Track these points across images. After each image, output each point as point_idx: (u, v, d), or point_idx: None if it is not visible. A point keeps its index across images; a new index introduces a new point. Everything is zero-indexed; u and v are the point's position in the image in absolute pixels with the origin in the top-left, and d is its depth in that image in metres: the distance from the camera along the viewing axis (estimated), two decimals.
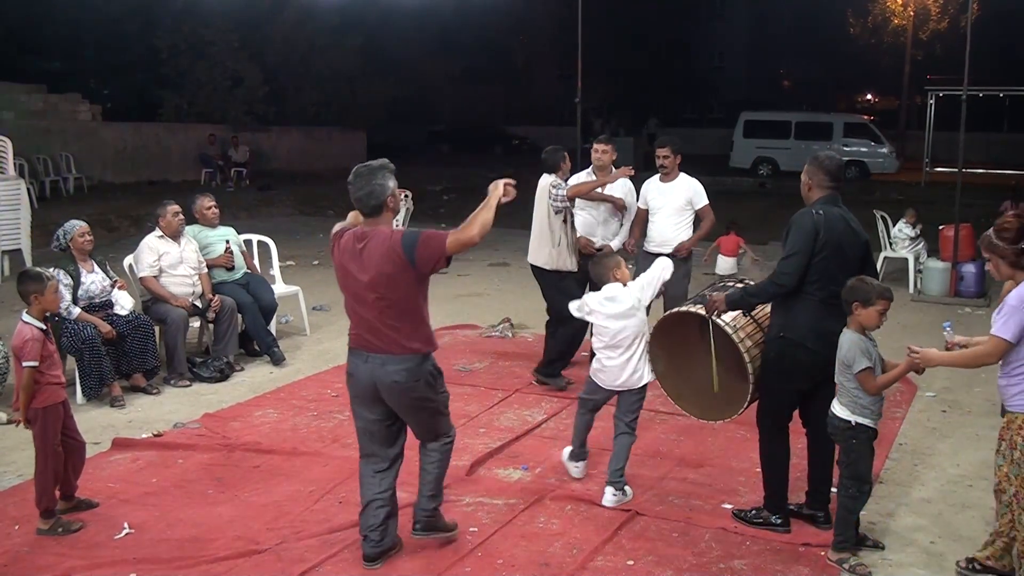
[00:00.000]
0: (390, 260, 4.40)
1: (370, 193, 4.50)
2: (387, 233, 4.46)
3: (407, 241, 4.40)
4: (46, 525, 5.09)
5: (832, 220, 4.92)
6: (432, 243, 4.40)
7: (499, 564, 4.79)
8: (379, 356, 4.52)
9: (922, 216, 12.63)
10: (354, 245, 4.52)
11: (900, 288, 12.04)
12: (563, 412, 7.19)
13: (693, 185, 7.99)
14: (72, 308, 7.18)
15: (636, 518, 5.33)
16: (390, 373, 4.50)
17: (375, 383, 4.55)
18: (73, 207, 17.18)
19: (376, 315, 4.49)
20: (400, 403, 4.61)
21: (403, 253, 4.38)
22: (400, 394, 4.55)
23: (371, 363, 4.55)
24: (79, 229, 7.45)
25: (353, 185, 4.54)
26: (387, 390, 4.55)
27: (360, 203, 4.55)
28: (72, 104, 25.16)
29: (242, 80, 28.59)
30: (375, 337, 4.52)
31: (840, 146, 29.78)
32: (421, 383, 4.55)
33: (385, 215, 4.56)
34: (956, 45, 15.47)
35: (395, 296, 4.45)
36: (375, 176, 4.52)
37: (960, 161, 12.17)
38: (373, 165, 4.58)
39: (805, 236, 4.88)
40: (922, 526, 5.30)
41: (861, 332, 4.79)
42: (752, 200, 22.84)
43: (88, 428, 6.31)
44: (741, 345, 5.05)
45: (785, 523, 5.16)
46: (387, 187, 4.53)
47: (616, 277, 5.70)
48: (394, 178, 4.60)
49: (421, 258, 4.39)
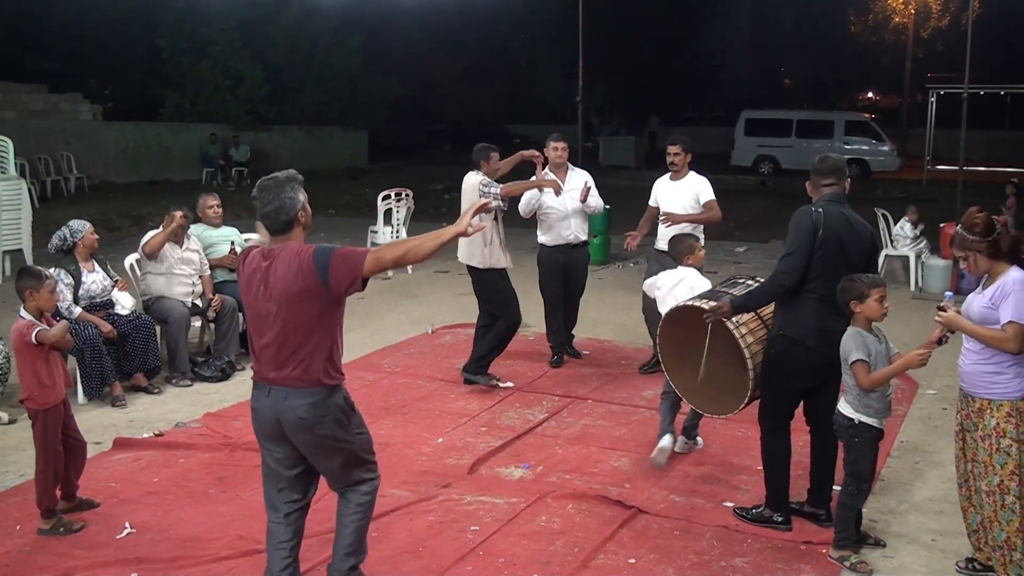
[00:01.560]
0: (300, 278, 3.94)
1: (280, 208, 4.04)
2: (296, 248, 4.01)
3: (320, 257, 3.94)
4: (47, 525, 5.09)
5: (831, 218, 4.91)
6: (349, 261, 3.93)
7: (500, 563, 4.79)
8: (282, 389, 4.03)
9: (924, 214, 12.62)
10: (260, 263, 4.06)
11: (902, 286, 12.05)
12: (564, 411, 7.20)
13: (700, 181, 8.01)
14: (73, 308, 7.18)
15: (638, 516, 5.32)
16: (293, 408, 4.01)
17: (279, 419, 4.05)
18: (74, 207, 17.20)
19: (281, 341, 4.01)
20: (306, 442, 4.08)
21: (315, 270, 3.93)
22: (305, 431, 4.04)
23: (273, 397, 4.05)
24: (89, 229, 7.47)
25: (260, 200, 4.07)
26: (291, 427, 4.05)
27: (268, 219, 4.07)
28: (73, 104, 25.20)
29: (244, 79, 28.61)
30: (278, 367, 4.04)
31: (841, 144, 29.74)
32: (328, 419, 4.05)
33: (296, 231, 4.11)
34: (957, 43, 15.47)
35: (302, 319, 3.99)
36: (284, 189, 4.06)
37: (961, 159, 12.18)
38: (280, 177, 4.11)
39: (803, 234, 4.88)
40: (924, 524, 5.30)
41: (867, 327, 4.78)
42: (753, 198, 22.83)
43: (89, 428, 6.32)
44: (742, 341, 5.06)
45: (787, 521, 5.16)
46: (297, 200, 4.08)
47: (689, 262, 6.23)
48: (304, 191, 4.15)
49: (335, 276, 3.93)
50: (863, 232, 5.04)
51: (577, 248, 8.53)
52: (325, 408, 4.04)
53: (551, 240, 8.45)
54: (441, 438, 6.61)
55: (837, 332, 4.93)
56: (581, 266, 8.65)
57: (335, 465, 4.19)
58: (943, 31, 35.88)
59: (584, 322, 9.73)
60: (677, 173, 8.04)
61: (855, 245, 4.97)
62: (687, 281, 6.09)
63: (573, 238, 8.43)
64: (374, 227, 13.29)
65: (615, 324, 10.12)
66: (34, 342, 5.07)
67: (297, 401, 4.02)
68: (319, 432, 4.06)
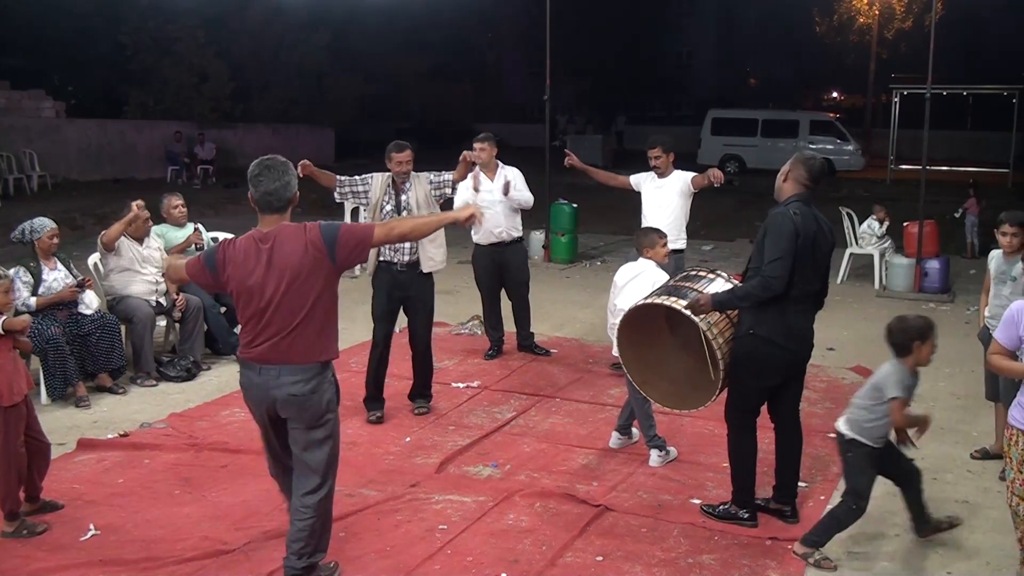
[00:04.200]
0: (309, 253, 4.10)
1: (285, 185, 4.18)
2: (299, 228, 4.16)
3: (327, 232, 4.14)
4: (10, 527, 5.03)
5: (806, 219, 4.94)
6: (357, 234, 4.19)
7: (468, 561, 4.79)
8: (274, 367, 4.15)
9: (889, 215, 12.74)
10: (257, 247, 4.15)
11: (866, 284, 12.17)
12: (532, 409, 7.21)
13: (684, 176, 8.01)
14: (30, 300, 7.08)
15: (605, 514, 5.34)
16: (285, 385, 4.14)
17: (271, 396, 4.19)
18: (38, 205, 16.98)
19: (281, 320, 4.12)
20: (296, 417, 4.22)
21: (323, 245, 4.11)
22: (297, 407, 4.18)
23: (264, 375, 4.17)
24: (48, 231, 7.33)
25: (266, 177, 4.17)
26: (283, 404, 4.19)
27: (272, 196, 4.16)
28: (36, 101, 24.88)
29: (208, 77, 28.39)
30: (275, 345, 4.14)
31: (806, 144, 29.95)
32: (319, 395, 4.19)
33: (287, 213, 4.25)
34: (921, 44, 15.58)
35: (307, 296, 4.12)
36: (288, 170, 4.23)
37: (924, 158, 12.32)
38: (280, 159, 4.26)
39: (788, 238, 4.86)
40: (888, 519, 5.35)
41: (913, 368, 4.74)
42: (720, 197, 22.91)
43: (53, 428, 6.24)
44: (715, 341, 5.02)
45: (752, 518, 5.19)
46: (294, 184, 4.25)
47: (648, 255, 6.29)
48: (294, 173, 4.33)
49: (343, 248, 4.13)
50: (829, 233, 5.09)
51: (510, 246, 8.53)
52: (317, 383, 4.18)
53: (483, 239, 8.50)
54: (409, 437, 6.60)
55: (805, 330, 5.00)
56: (517, 264, 8.63)
57: (313, 443, 4.27)
58: (907, 32, 36.22)
59: (551, 320, 9.76)
60: (662, 175, 8.07)
61: (823, 246, 5.01)
62: (646, 275, 6.08)
63: (505, 235, 8.43)
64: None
65: (582, 323, 10.14)
66: (0, 332, 5.01)
67: (290, 378, 4.15)
68: (309, 407, 4.19)
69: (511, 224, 8.47)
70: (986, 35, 37.77)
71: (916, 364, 4.73)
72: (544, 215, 13.72)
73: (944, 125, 26.21)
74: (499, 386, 7.81)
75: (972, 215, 14.89)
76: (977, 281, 12.41)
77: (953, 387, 7.89)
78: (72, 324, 7.35)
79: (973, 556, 4.94)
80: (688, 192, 7.89)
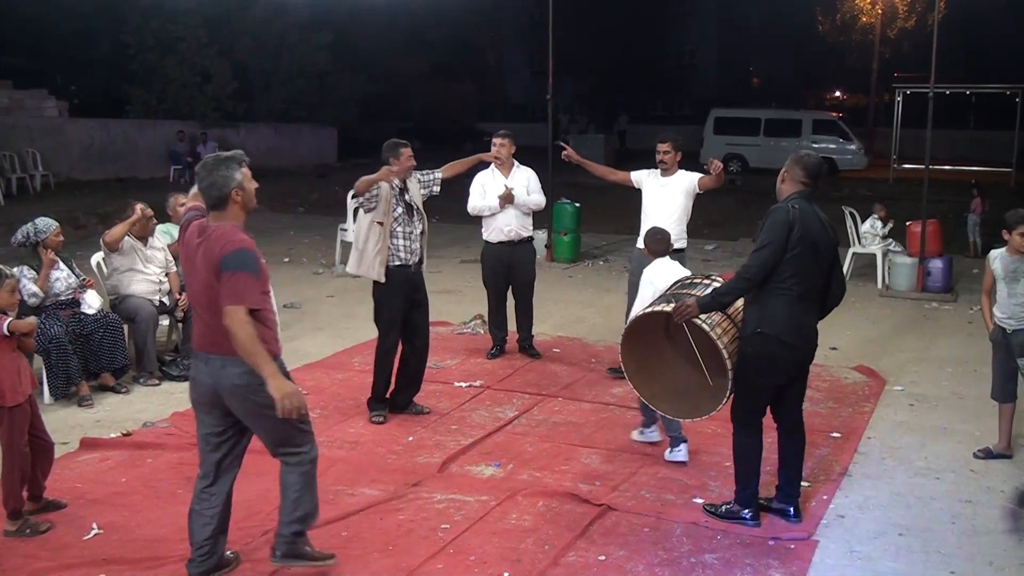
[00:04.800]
0: (210, 264, 4.15)
1: (212, 184, 4.20)
2: (225, 238, 4.16)
3: (224, 266, 4.11)
4: (13, 526, 5.03)
5: (806, 216, 4.95)
6: (237, 286, 4.09)
7: (471, 561, 4.79)
8: (219, 358, 4.23)
9: (890, 213, 12.74)
10: (196, 238, 4.26)
11: (869, 283, 12.16)
12: (534, 409, 7.21)
13: (690, 176, 7.84)
14: (36, 293, 7.09)
15: (607, 513, 5.34)
16: (230, 376, 4.22)
17: (215, 386, 4.27)
18: (40, 204, 17.02)
19: (214, 313, 4.19)
20: (242, 409, 4.31)
21: (217, 273, 4.13)
22: (240, 398, 4.26)
23: (211, 365, 4.26)
24: (54, 230, 7.34)
25: (198, 175, 4.29)
26: (228, 394, 4.27)
27: (204, 194, 4.27)
28: (38, 100, 24.90)
29: (211, 76, 28.40)
30: (214, 337, 4.23)
31: (809, 143, 29.93)
32: (262, 386, 4.13)
33: (231, 209, 4.25)
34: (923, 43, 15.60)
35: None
36: (220, 167, 4.22)
37: (927, 158, 12.30)
38: (222, 155, 4.30)
39: (778, 229, 4.89)
40: (891, 519, 5.35)
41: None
42: (722, 196, 22.89)
43: (56, 428, 6.25)
44: (720, 342, 5.00)
45: (755, 517, 5.19)
46: (232, 179, 4.22)
47: None
48: (244, 170, 4.28)
49: (222, 289, 4.10)
50: (831, 231, 5.09)
51: (519, 245, 8.52)
52: (259, 376, 4.14)
53: (493, 237, 8.50)
54: (411, 436, 6.60)
55: (812, 328, 5.02)
56: (525, 264, 8.62)
57: (270, 429, 4.36)
58: (910, 31, 36.23)
59: (554, 320, 9.76)
60: (667, 171, 7.87)
61: (826, 243, 5.01)
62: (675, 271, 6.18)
63: (514, 235, 8.43)
64: (343, 225, 13.24)
65: (585, 322, 10.14)
66: (5, 332, 5.02)
67: (233, 369, 4.20)
68: (253, 398, 4.23)
69: (521, 223, 8.46)
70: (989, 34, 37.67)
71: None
72: (547, 214, 13.69)
73: (947, 124, 26.18)
74: (501, 385, 7.80)
75: (974, 214, 14.89)
76: (980, 280, 12.41)
77: (955, 386, 7.89)
78: (75, 323, 7.36)
79: (976, 556, 4.93)
80: (693, 192, 7.82)
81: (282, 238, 16.13)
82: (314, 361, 8.50)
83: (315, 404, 7.25)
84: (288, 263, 13.64)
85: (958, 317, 10.46)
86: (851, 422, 6.96)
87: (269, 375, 4.07)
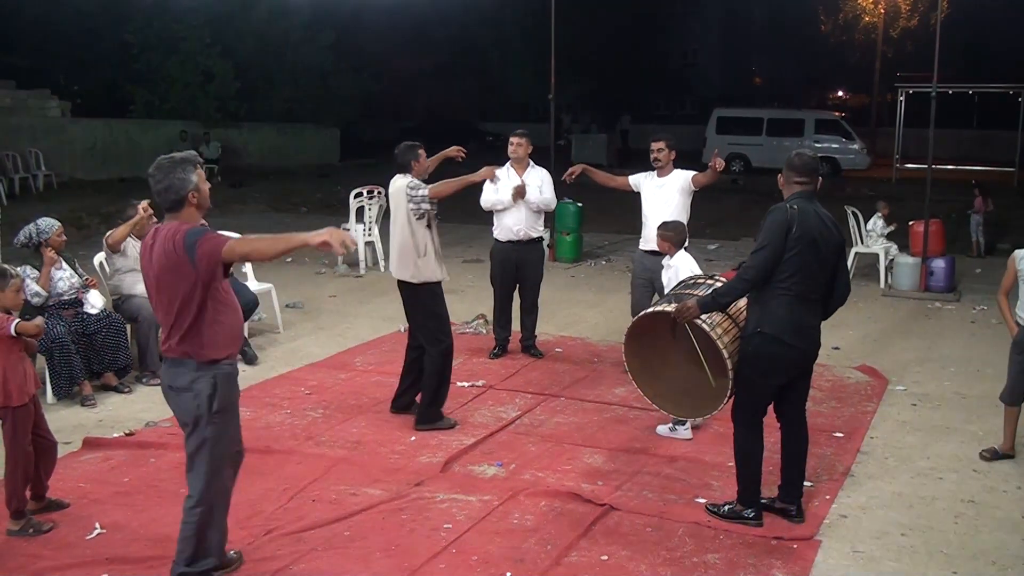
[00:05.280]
0: (172, 257, 4.11)
1: (168, 187, 4.19)
2: (175, 228, 4.16)
3: (190, 239, 4.09)
4: (17, 526, 5.04)
5: (806, 215, 4.94)
6: (212, 241, 4.09)
7: (473, 560, 4.79)
8: (168, 359, 4.33)
9: (893, 212, 12.74)
10: (150, 242, 4.27)
11: (871, 283, 12.15)
12: (537, 409, 7.21)
13: (685, 175, 7.82)
14: (39, 292, 7.10)
15: (610, 513, 5.34)
16: (169, 376, 4.31)
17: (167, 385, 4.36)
18: (43, 204, 17.04)
19: (162, 315, 4.27)
20: (175, 411, 4.36)
21: (184, 251, 4.08)
22: (172, 401, 4.33)
23: (165, 364, 4.40)
24: (57, 230, 7.35)
25: (152, 178, 4.23)
26: (165, 394, 4.38)
27: (159, 197, 4.24)
28: (41, 100, 24.92)
29: (214, 76, 28.43)
30: (165, 338, 4.31)
31: (811, 142, 29.93)
32: (190, 395, 4.21)
33: (187, 211, 4.24)
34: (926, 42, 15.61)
35: (175, 296, 4.17)
36: (175, 169, 4.21)
37: (930, 157, 12.28)
38: (176, 157, 4.27)
39: (777, 229, 4.90)
40: (893, 519, 5.35)
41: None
42: (725, 196, 22.92)
43: (58, 427, 6.25)
44: (720, 342, 5.02)
45: (758, 517, 5.19)
46: (188, 181, 4.21)
47: None
48: (198, 172, 4.28)
49: (201, 258, 4.08)
50: (834, 230, 5.07)
51: (528, 245, 8.53)
52: (194, 382, 4.21)
53: (502, 235, 8.51)
54: (414, 436, 6.60)
55: (815, 328, 5.01)
56: (533, 264, 8.62)
57: (190, 444, 4.33)
58: (912, 31, 36.21)
59: (556, 319, 9.76)
60: (662, 170, 7.86)
61: (828, 243, 5.00)
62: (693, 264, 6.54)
63: (523, 235, 8.43)
64: (346, 225, 13.24)
65: (587, 322, 10.14)
66: (12, 333, 5.02)
67: (173, 370, 4.29)
68: (181, 404, 4.28)
69: (531, 223, 8.45)
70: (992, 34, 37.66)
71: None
72: (549, 214, 13.68)
73: (949, 124, 26.17)
74: (504, 385, 7.81)
75: (978, 214, 14.87)
76: (983, 280, 12.43)
77: (958, 386, 7.88)
78: (78, 323, 7.37)
79: (979, 556, 4.93)
80: (689, 190, 7.81)
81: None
82: (317, 361, 8.51)
83: (318, 404, 7.26)
84: (291, 263, 13.64)
85: (961, 317, 10.45)
86: (854, 422, 6.96)
87: (302, 239, 4.03)
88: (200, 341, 4.21)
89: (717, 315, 5.14)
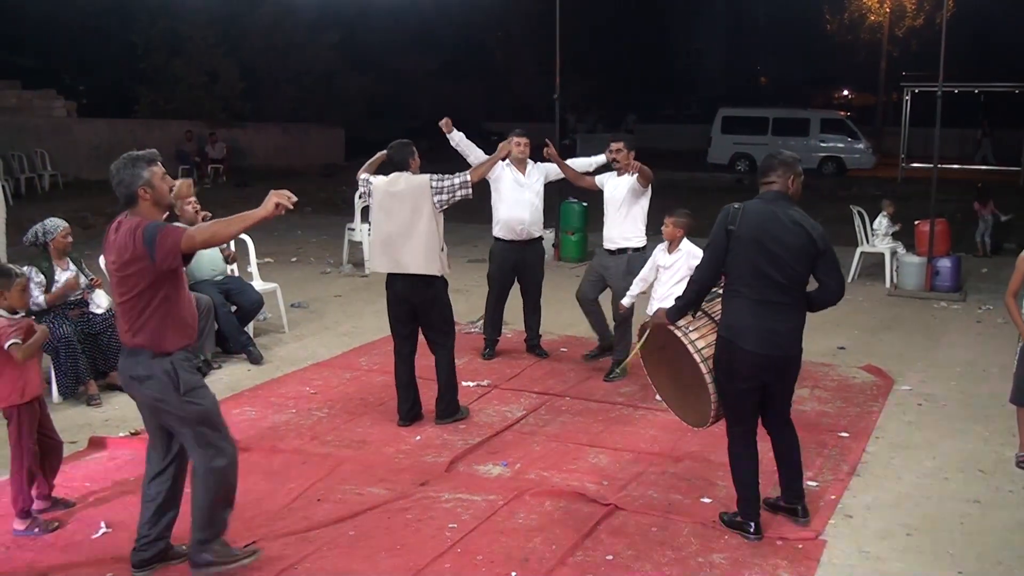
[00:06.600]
0: (131, 250, 4.23)
1: (120, 183, 4.37)
2: (136, 223, 4.29)
3: (148, 233, 4.22)
4: (22, 525, 5.05)
5: (752, 214, 4.82)
6: (171, 235, 4.23)
7: (478, 560, 4.79)
8: (127, 349, 4.46)
9: (899, 212, 12.71)
10: (110, 233, 4.40)
11: (877, 283, 12.13)
12: (542, 408, 7.20)
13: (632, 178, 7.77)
14: (40, 298, 7.09)
15: (615, 513, 5.33)
16: (129, 366, 4.44)
17: (126, 376, 4.50)
18: (49, 204, 17.04)
19: (120, 305, 4.39)
20: (141, 401, 4.54)
21: (143, 244, 4.21)
22: (136, 390, 4.49)
23: (124, 354, 4.50)
24: (62, 230, 7.36)
25: (111, 175, 4.42)
26: (126, 384, 4.53)
27: (116, 192, 4.41)
28: (47, 100, 24.94)
29: (219, 76, 28.46)
30: (124, 328, 4.42)
31: (817, 142, 29.97)
32: (154, 381, 4.38)
33: (142, 206, 4.37)
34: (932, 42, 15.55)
35: (134, 288, 4.31)
36: (127, 166, 4.37)
37: (936, 157, 12.25)
38: (132, 155, 4.42)
39: (716, 229, 4.90)
40: (899, 519, 5.33)
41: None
42: (729, 196, 22.88)
43: (64, 427, 6.26)
44: (692, 346, 5.01)
45: (756, 531, 5.03)
46: (138, 177, 4.35)
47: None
48: (154, 168, 4.39)
49: (160, 250, 4.21)
50: (799, 231, 4.77)
51: (529, 244, 8.49)
52: (151, 370, 4.36)
53: (504, 234, 8.44)
54: (419, 436, 6.60)
55: (777, 332, 4.81)
56: (533, 263, 8.58)
57: (173, 426, 4.50)
58: (918, 30, 36.12)
59: (561, 319, 9.75)
60: (621, 171, 7.85)
61: (781, 243, 4.75)
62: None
63: (525, 234, 8.40)
64: (351, 224, 13.25)
65: None
66: (19, 358, 5.04)
67: (131, 359, 4.42)
68: (146, 391, 4.42)
69: (532, 222, 8.40)
70: (998, 33, 37.60)
71: None
72: (554, 214, 13.71)
73: (955, 123, 26.12)
74: (509, 385, 7.80)
75: (985, 216, 14.83)
76: (989, 279, 12.41)
77: (964, 386, 7.86)
78: (84, 323, 7.39)
79: (985, 556, 4.91)
80: (639, 191, 7.78)
81: (290, 238, 16.15)
82: (322, 360, 8.51)
83: (323, 403, 7.26)
84: (296, 262, 13.65)
85: (967, 317, 10.43)
86: (859, 421, 6.95)
87: (257, 215, 4.23)
88: (157, 333, 4.37)
89: (701, 320, 5.10)
